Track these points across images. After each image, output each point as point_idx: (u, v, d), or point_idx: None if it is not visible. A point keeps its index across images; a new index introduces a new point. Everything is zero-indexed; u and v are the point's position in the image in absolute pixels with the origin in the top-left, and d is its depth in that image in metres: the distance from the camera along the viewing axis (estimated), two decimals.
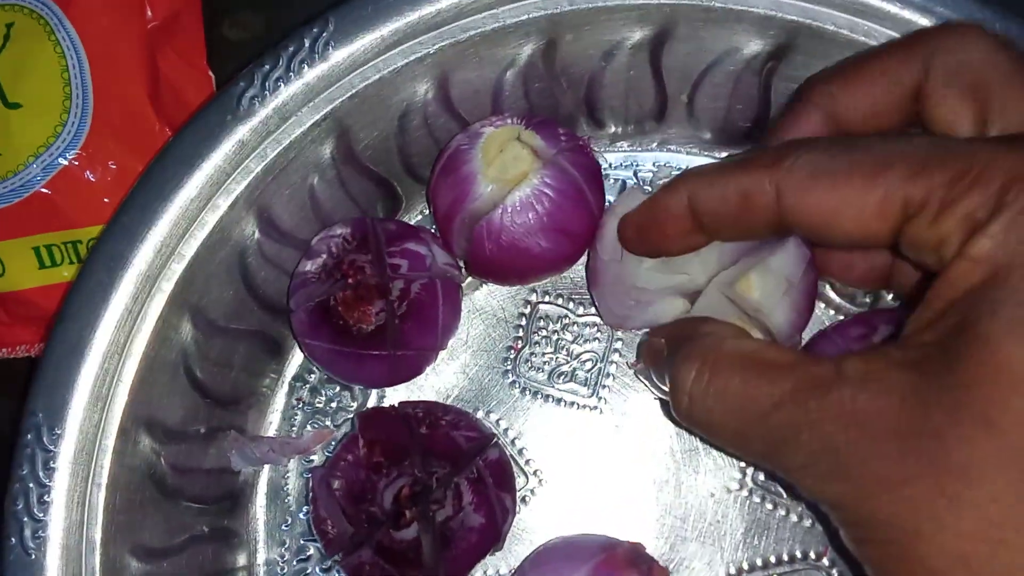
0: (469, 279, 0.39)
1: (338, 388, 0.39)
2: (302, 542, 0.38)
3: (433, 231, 0.39)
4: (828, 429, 0.23)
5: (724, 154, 0.40)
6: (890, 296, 0.38)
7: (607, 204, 0.38)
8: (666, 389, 0.29)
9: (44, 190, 0.41)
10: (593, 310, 0.39)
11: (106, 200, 0.41)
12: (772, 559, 0.37)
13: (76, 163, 0.41)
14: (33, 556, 0.31)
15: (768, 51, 0.35)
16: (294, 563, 0.38)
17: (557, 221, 0.34)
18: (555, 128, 0.36)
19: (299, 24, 0.34)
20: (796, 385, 0.24)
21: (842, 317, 0.38)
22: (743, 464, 0.38)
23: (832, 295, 0.38)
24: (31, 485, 0.31)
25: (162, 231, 0.33)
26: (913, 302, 0.25)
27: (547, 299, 0.39)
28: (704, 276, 0.33)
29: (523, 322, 0.39)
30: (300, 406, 0.39)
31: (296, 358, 0.40)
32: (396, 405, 0.36)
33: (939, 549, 0.21)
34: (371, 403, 0.39)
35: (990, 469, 0.21)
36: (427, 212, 0.40)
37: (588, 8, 0.34)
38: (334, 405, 0.39)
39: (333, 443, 0.39)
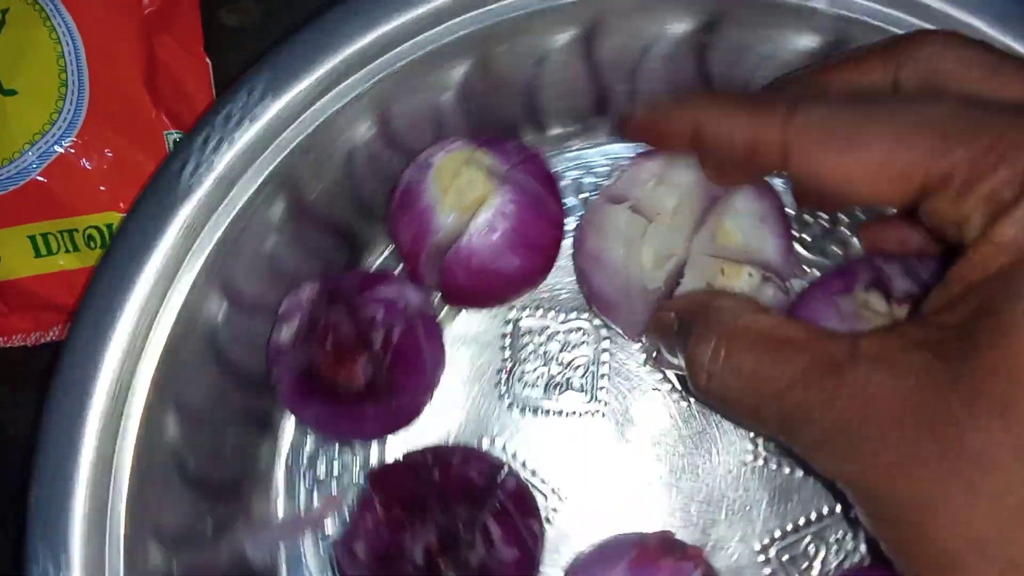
0: (444, 310, 0.38)
1: (337, 450, 0.38)
2: None
3: (399, 270, 0.38)
4: (842, 408, 0.22)
5: None
6: (859, 243, 0.38)
7: (566, 206, 0.38)
8: (677, 363, 0.29)
9: (40, 178, 0.40)
10: (575, 315, 0.38)
11: (102, 188, 0.40)
12: (801, 521, 0.37)
13: (72, 151, 0.40)
14: None
15: (698, 27, 0.34)
16: None
17: (524, 236, 0.33)
18: (503, 144, 0.35)
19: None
20: (811, 363, 0.23)
21: (816, 272, 0.38)
22: (753, 435, 0.38)
23: (803, 252, 0.39)
24: None
25: (124, 337, 0.30)
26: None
27: (526, 314, 0.38)
28: (684, 246, 0.33)
29: (507, 342, 0.38)
30: (301, 478, 0.37)
31: (287, 430, 0.38)
32: (402, 457, 0.35)
33: (953, 533, 0.21)
34: (372, 458, 0.38)
35: (1006, 459, 0.20)
36: (391, 250, 0.39)
37: (514, 16, 0.33)
38: (336, 468, 0.37)
39: (347, 509, 0.37)
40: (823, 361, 0.23)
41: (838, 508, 0.37)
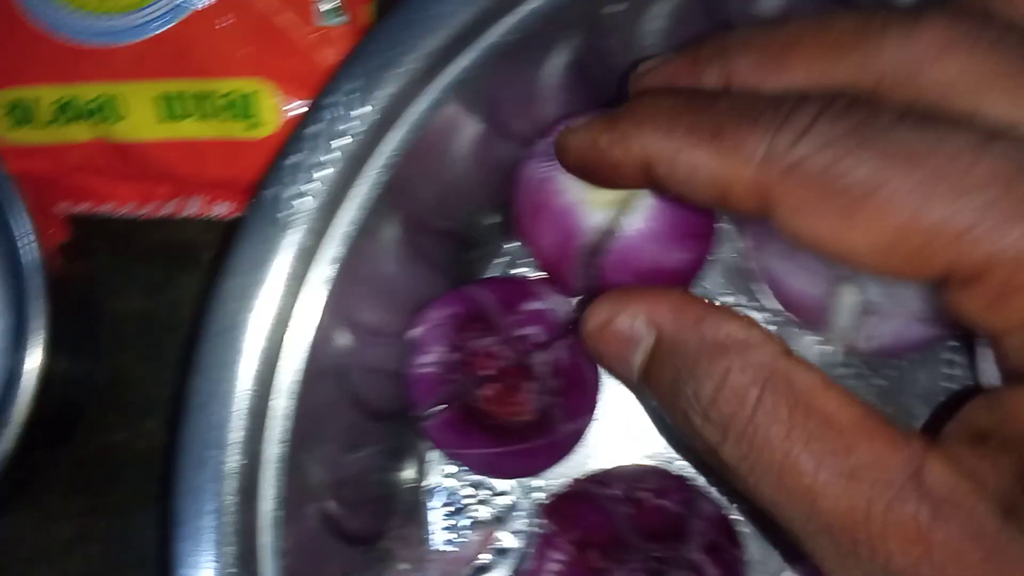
0: None
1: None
2: None
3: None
4: (894, 549, 0.16)
5: None
6: None
7: None
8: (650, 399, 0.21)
9: (174, 31, 0.34)
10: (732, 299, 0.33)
11: (245, 49, 0.34)
12: None
13: (215, 3, 0.34)
14: None
15: None
16: None
17: (689, 226, 0.29)
18: None
19: None
20: (861, 471, 0.17)
21: None
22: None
23: None
24: None
25: (245, 394, 0.27)
26: None
27: None
28: None
29: None
30: (449, 512, 0.33)
31: (427, 460, 0.33)
32: (577, 485, 0.30)
33: None
34: (531, 483, 0.33)
35: None
36: (510, 251, 0.35)
37: None
38: (483, 494, 0.33)
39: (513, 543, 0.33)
40: (877, 474, 0.17)
41: None
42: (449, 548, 0.33)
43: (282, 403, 0.27)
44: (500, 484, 0.33)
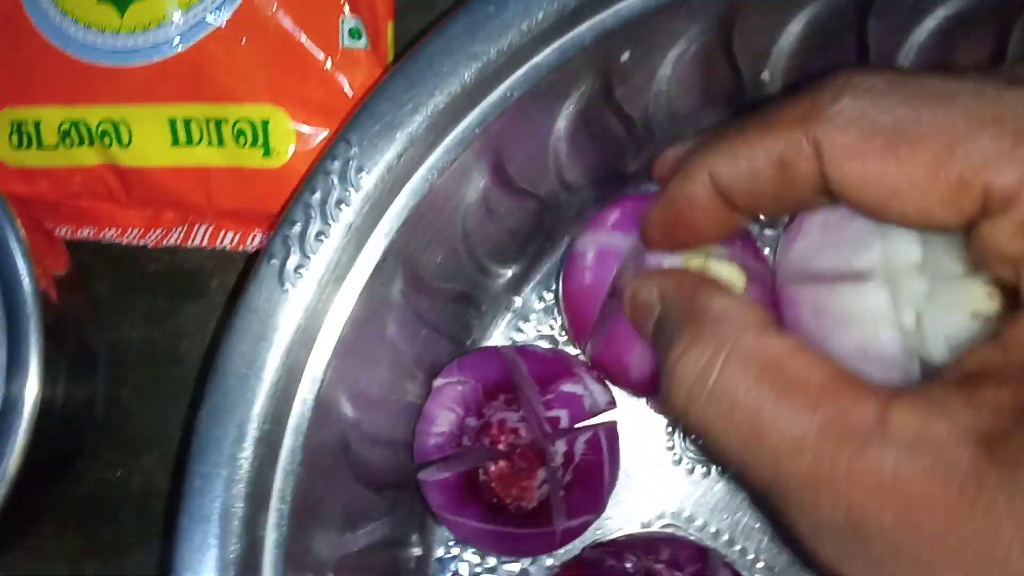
0: None
1: None
2: None
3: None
4: (857, 499, 0.17)
5: None
6: None
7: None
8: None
9: (189, 52, 0.33)
10: None
11: (260, 75, 0.33)
12: None
13: (227, 25, 0.32)
14: None
15: None
16: None
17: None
18: None
19: None
20: (825, 425, 0.17)
21: None
22: None
23: None
24: None
25: (245, 467, 0.26)
26: None
27: None
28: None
29: None
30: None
31: (431, 532, 0.32)
32: (588, 553, 0.29)
33: None
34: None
35: None
36: (512, 313, 0.33)
37: (640, 13, 0.27)
38: (490, 561, 0.32)
39: None
40: (842, 426, 0.17)
41: None
42: None
43: (282, 484, 0.26)
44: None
